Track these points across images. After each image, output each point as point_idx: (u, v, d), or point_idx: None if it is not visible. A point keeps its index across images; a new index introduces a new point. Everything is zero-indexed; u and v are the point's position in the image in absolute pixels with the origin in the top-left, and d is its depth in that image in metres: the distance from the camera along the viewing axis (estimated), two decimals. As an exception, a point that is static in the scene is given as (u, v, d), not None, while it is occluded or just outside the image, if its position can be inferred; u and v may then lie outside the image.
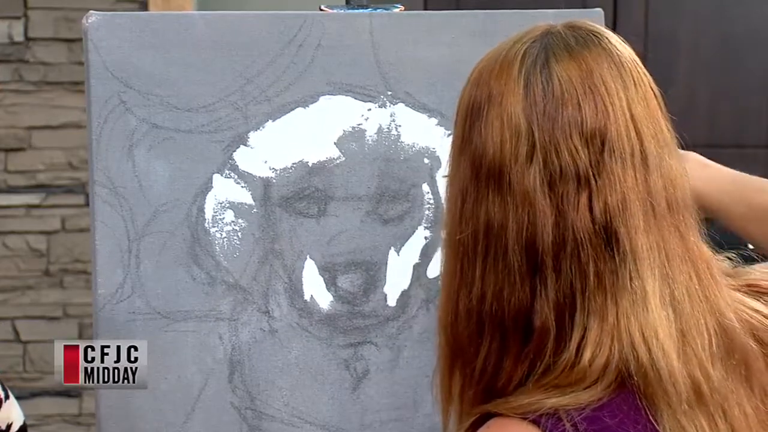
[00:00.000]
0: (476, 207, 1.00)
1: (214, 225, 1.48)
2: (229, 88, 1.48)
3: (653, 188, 1.00)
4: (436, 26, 1.52)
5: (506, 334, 1.00)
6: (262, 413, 1.49)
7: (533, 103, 0.99)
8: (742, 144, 3.08)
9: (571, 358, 0.97)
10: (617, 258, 0.98)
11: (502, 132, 0.99)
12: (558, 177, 0.98)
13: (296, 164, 1.50)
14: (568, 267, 0.98)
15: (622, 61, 1.02)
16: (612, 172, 0.98)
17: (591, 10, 1.56)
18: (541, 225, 0.98)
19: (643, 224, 0.99)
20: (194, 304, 1.48)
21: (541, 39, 1.03)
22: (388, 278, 1.51)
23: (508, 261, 0.99)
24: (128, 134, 1.46)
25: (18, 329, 3.29)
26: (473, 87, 1.04)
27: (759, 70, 3.09)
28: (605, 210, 0.98)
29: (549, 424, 0.95)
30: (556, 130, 0.98)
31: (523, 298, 0.99)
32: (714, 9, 3.08)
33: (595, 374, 0.97)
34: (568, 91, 0.99)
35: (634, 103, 1.01)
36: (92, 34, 1.44)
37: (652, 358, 0.96)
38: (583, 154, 0.98)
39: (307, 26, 1.49)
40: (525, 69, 1.01)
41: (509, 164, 0.99)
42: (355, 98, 1.50)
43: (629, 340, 0.97)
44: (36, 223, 3.28)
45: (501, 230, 0.99)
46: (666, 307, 0.98)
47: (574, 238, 0.97)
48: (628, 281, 0.98)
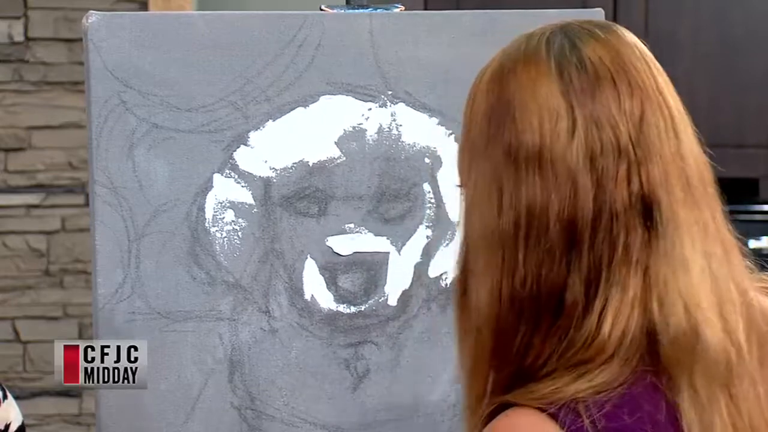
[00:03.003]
0: (516, 192, 1.00)
1: (215, 225, 1.48)
2: (229, 88, 1.48)
3: (687, 161, 1.02)
4: (436, 26, 1.52)
5: (540, 312, 1.00)
6: (262, 413, 1.49)
7: (569, 82, 1.00)
8: (742, 144, 3.08)
9: (592, 330, 0.98)
10: (660, 228, 0.99)
11: (540, 114, 1.00)
12: (599, 152, 0.99)
13: (296, 164, 1.50)
14: (601, 240, 0.98)
15: (642, 48, 1.04)
16: (651, 144, 1.00)
17: (591, 10, 1.57)
18: (582, 200, 0.98)
19: (683, 196, 1.00)
20: (194, 304, 1.48)
21: (559, 30, 1.04)
22: (388, 278, 1.51)
23: (549, 239, 0.99)
24: (128, 134, 1.46)
25: (18, 329, 3.29)
26: (493, 86, 1.04)
27: (759, 70, 3.09)
28: (648, 180, 0.99)
29: (567, 419, 0.95)
30: (596, 106, 0.99)
31: (559, 273, 0.99)
32: (714, 9, 3.08)
33: (612, 346, 0.97)
34: (601, 70, 1.00)
35: (660, 82, 1.03)
36: (92, 34, 1.44)
37: (694, 326, 0.97)
38: (624, 127, 0.99)
39: (307, 26, 1.49)
40: (554, 54, 1.02)
41: (550, 143, 0.99)
42: (355, 98, 1.50)
43: (668, 308, 0.97)
44: (36, 223, 3.28)
45: (543, 210, 0.99)
46: (705, 277, 0.99)
47: (609, 210, 0.98)
48: (671, 249, 0.98)
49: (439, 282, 1.53)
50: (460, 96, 1.52)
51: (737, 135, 3.08)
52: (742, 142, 3.08)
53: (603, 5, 1.61)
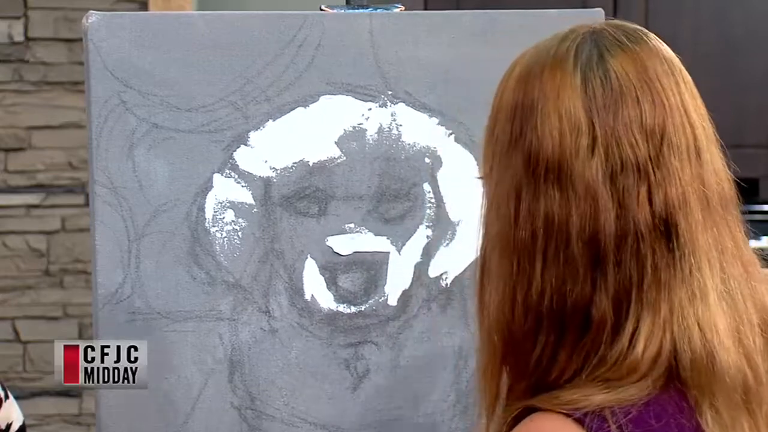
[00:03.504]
0: (534, 203, 1.00)
1: (215, 225, 1.48)
2: (229, 88, 1.48)
3: (707, 183, 1.01)
4: (436, 26, 1.52)
5: (565, 328, 0.99)
6: (262, 413, 1.49)
7: (592, 97, 0.99)
8: (742, 144, 3.08)
9: (624, 350, 0.97)
10: (676, 252, 0.98)
11: (561, 127, 0.99)
12: (619, 170, 0.98)
13: (297, 164, 1.50)
14: (628, 260, 0.98)
15: (671, 58, 1.04)
16: (671, 166, 0.99)
17: (591, 10, 1.56)
18: (604, 218, 0.98)
19: (701, 218, 1.00)
20: (194, 304, 1.48)
21: (590, 36, 1.04)
22: (389, 278, 1.51)
23: (570, 255, 0.98)
24: (128, 134, 1.46)
25: (18, 329, 3.29)
26: (519, 85, 1.03)
27: (759, 70, 3.09)
28: (665, 203, 0.98)
29: (594, 425, 0.95)
30: (617, 124, 0.99)
31: (584, 291, 0.98)
32: (714, 9, 3.08)
33: (645, 367, 0.97)
34: (626, 86, 1.00)
35: (686, 99, 1.03)
36: (92, 34, 1.44)
37: (710, 350, 0.97)
38: (644, 147, 0.99)
39: (307, 26, 1.49)
40: (580, 64, 1.01)
41: (570, 158, 0.99)
42: (355, 98, 1.50)
43: (686, 333, 0.97)
44: (36, 223, 3.28)
45: (562, 225, 0.99)
46: (723, 301, 0.99)
47: (635, 230, 0.98)
48: (688, 274, 0.98)
49: (439, 282, 1.53)
50: (460, 96, 1.53)
51: (737, 135, 3.08)
52: (742, 142, 3.08)
53: (603, 5, 1.61)
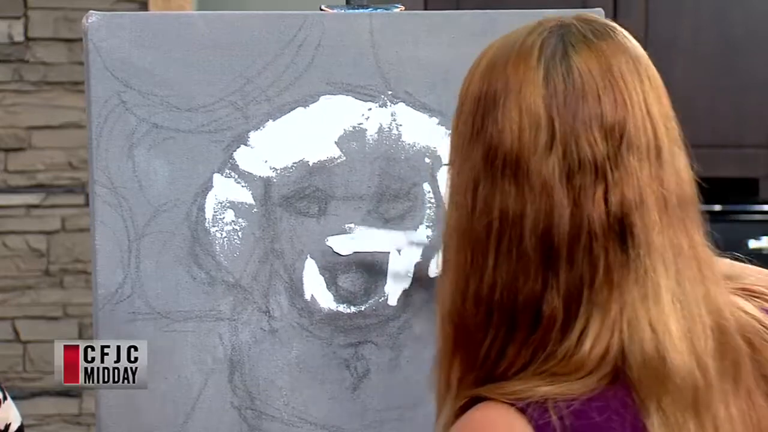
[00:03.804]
0: (491, 196, 1.00)
1: (215, 225, 1.48)
2: (229, 88, 1.48)
3: (666, 184, 1.00)
4: (436, 26, 1.52)
5: (514, 323, 1.00)
6: (262, 413, 1.49)
7: (553, 93, 0.99)
8: (742, 144, 3.08)
9: (572, 347, 0.98)
10: (631, 252, 0.98)
11: (520, 122, 0.99)
12: (576, 168, 0.98)
13: (297, 164, 1.50)
14: (580, 259, 0.98)
15: (638, 56, 1.03)
16: (629, 166, 0.99)
17: (591, 10, 1.56)
18: (558, 216, 0.98)
19: (658, 219, 0.99)
20: (194, 304, 1.48)
21: (557, 30, 1.03)
22: (389, 278, 1.51)
23: (523, 251, 0.98)
24: (128, 134, 1.46)
25: (18, 329, 3.29)
26: (484, 76, 1.03)
27: (759, 70, 3.09)
28: (622, 203, 0.98)
29: (535, 414, 0.95)
30: (576, 122, 0.98)
31: (535, 287, 0.99)
32: (714, 9, 3.08)
33: (591, 364, 0.97)
34: (588, 83, 0.99)
35: (650, 98, 1.01)
36: (92, 34, 1.44)
37: (661, 351, 0.97)
38: (602, 146, 0.98)
39: (307, 26, 1.49)
40: (544, 59, 1.00)
41: (527, 154, 0.98)
42: (355, 98, 1.50)
43: (636, 334, 0.97)
44: (36, 223, 3.28)
45: (516, 220, 0.99)
46: (675, 303, 0.99)
47: (588, 229, 0.98)
48: (642, 275, 0.98)
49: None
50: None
51: (737, 135, 3.08)
52: (742, 142, 3.08)
53: (603, 5, 1.61)
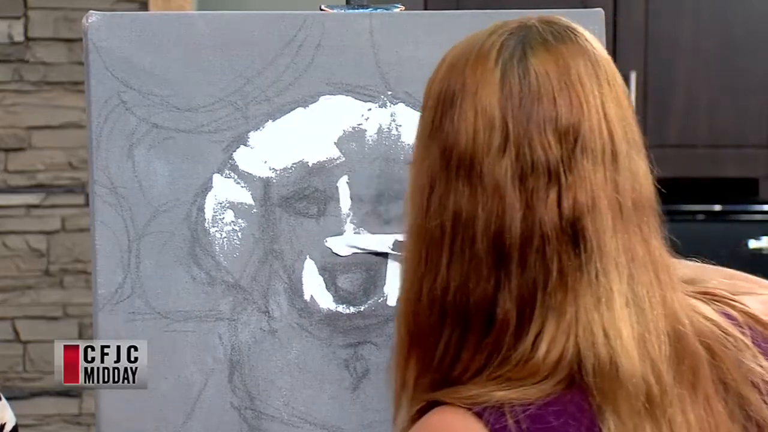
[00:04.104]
0: (445, 196, 1.00)
1: (214, 225, 1.48)
2: (229, 88, 1.48)
3: (621, 188, 1.00)
4: (436, 26, 1.52)
5: (467, 325, 0.99)
6: (262, 413, 1.49)
7: (509, 95, 0.99)
8: (742, 144, 3.08)
9: (527, 352, 0.98)
10: (583, 256, 0.98)
11: (475, 123, 0.99)
12: (529, 171, 0.97)
13: (296, 164, 1.50)
14: (533, 262, 0.97)
15: (598, 59, 1.02)
16: (583, 169, 0.98)
17: (591, 10, 1.56)
18: (510, 218, 0.97)
19: (611, 223, 0.99)
20: (194, 304, 1.48)
21: (518, 32, 1.03)
22: (388, 278, 1.51)
23: (475, 252, 0.98)
24: (128, 134, 1.46)
25: (18, 329, 3.29)
26: (446, 75, 1.03)
27: (759, 70, 3.09)
28: (574, 207, 0.97)
29: (492, 418, 0.95)
30: (530, 124, 0.98)
31: (487, 289, 0.98)
32: (714, 9, 3.08)
33: (546, 369, 0.97)
34: (544, 85, 0.99)
35: (608, 101, 1.00)
36: (92, 34, 1.44)
37: (613, 356, 0.96)
38: (556, 149, 0.98)
39: (307, 26, 1.49)
40: (502, 61, 1.00)
41: (481, 155, 0.98)
42: (355, 98, 1.50)
43: (589, 338, 0.97)
44: (36, 223, 3.28)
45: (469, 221, 0.98)
46: (629, 307, 0.98)
47: (541, 233, 0.97)
48: (594, 279, 0.98)
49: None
50: (460, 96, 1.53)
51: (737, 135, 3.08)
52: (742, 142, 3.08)
53: (603, 5, 1.61)
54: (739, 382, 1.04)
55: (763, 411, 1.04)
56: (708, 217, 3.02)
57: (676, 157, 3.00)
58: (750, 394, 1.04)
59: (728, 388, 1.04)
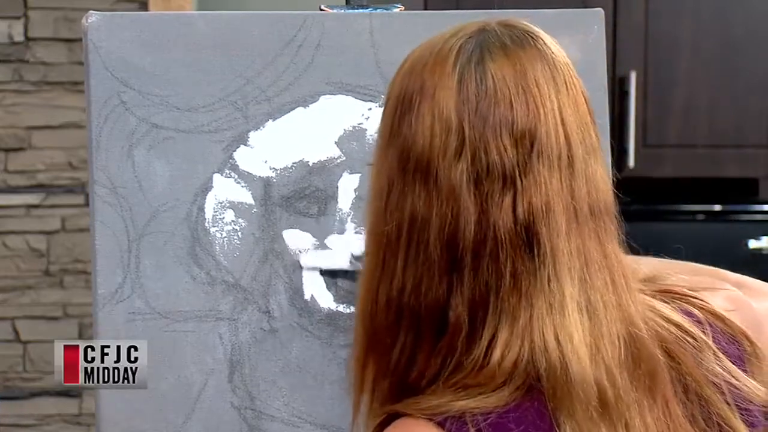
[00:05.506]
0: (401, 199, 1.00)
1: (215, 225, 1.48)
2: (229, 88, 1.48)
3: (577, 193, 1.00)
4: (436, 26, 1.52)
5: (421, 329, 0.99)
6: (262, 413, 1.49)
7: (466, 99, 0.99)
8: (742, 144, 3.08)
9: (481, 357, 0.98)
10: (537, 260, 0.98)
11: (432, 126, 0.99)
12: (485, 175, 0.98)
13: (296, 164, 1.50)
14: (486, 266, 0.97)
15: (556, 64, 1.02)
16: (538, 174, 0.98)
17: (591, 9, 1.56)
18: (464, 222, 0.97)
19: (566, 228, 0.99)
20: (194, 304, 1.48)
21: (477, 35, 1.03)
22: (388, 278, 1.51)
23: (429, 255, 0.98)
24: (128, 134, 1.46)
25: (18, 329, 3.29)
26: (405, 77, 1.03)
27: (759, 70, 3.09)
28: (529, 211, 0.97)
29: (453, 427, 0.95)
30: (486, 128, 0.98)
31: (439, 293, 0.98)
32: (714, 9, 3.08)
33: (503, 375, 0.97)
34: (501, 90, 0.99)
35: (565, 106, 1.00)
36: (92, 34, 1.44)
37: (564, 362, 0.96)
38: (512, 153, 0.98)
39: (307, 26, 1.49)
40: (459, 64, 1.00)
41: (437, 159, 0.98)
42: (355, 98, 1.50)
43: (542, 343, 0.97)
44: (36, 223, 3.28)
45: (424, 224, 0.98)
46: (582, 313, 0.98)
47: (494, 237, 0.97)
48: (546, 284, 0.98)
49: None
50: (460, 96, 1.53)
51: (737, 135, 3.08)
52: (742, 142, 3.08)
53: (603, 5, 1.61)
54: (699, 383, 1.04)
55: (724, 411, 1.04)
56: (708, 217, 3.02)
57: (676, 157, 3.00)
58: (711, 394, 1.04)
59: (688, 390, 1.04)
